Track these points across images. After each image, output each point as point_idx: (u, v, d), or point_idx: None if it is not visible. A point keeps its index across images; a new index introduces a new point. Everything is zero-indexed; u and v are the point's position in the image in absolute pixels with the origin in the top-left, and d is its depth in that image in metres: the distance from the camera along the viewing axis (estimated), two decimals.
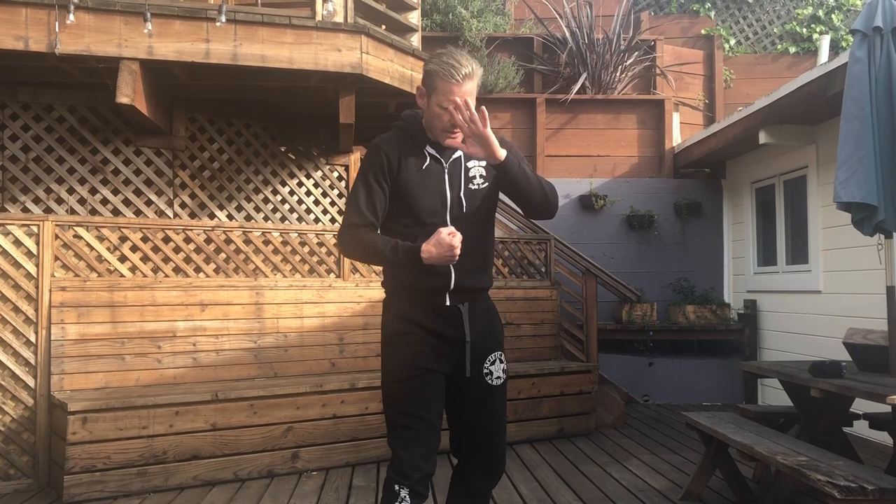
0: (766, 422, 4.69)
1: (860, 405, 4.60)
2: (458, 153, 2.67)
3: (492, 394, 2.68)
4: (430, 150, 2.65)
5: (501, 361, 2.71)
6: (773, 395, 7.29)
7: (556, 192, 2.72)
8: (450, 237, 2.46)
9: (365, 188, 2.60)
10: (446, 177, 2.63)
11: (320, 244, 5.96)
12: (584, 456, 5.67)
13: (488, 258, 2.75)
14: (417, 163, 2.62)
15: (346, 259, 5.99)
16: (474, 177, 2.66)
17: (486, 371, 2.67)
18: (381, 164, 2.60)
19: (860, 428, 5.07)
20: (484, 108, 2.55)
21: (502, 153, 2.54)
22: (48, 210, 5.62)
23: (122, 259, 5.18)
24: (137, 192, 5.90)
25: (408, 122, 2.70)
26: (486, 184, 2.67)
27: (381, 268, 2.83)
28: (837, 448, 4.17)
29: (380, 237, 2.60)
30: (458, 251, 2.47)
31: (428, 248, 2.47)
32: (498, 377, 2.69)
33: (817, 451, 3.73)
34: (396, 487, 2.52)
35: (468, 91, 2.56)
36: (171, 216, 5.98)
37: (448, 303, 2.62)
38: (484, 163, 2.66)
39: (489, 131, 2.51)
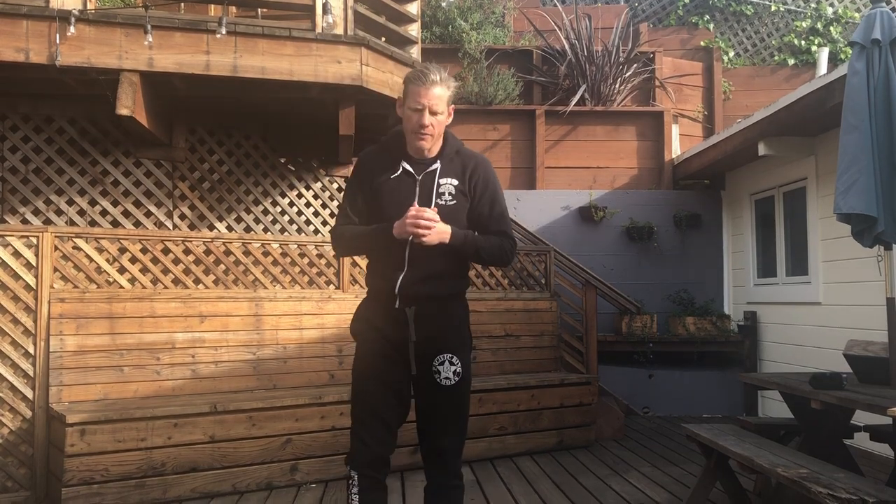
0: (767, 434, 4.67)
1: (861, 417, 4.58)
2: (434, 167, 2.88)
3: (441, 393, 2.87)
4: (405, 164, 2.89)
5: (453, 364, 2.86)
6: (773, 406, 7.27)
7: (513, 247, 2.97)
8: (414, 210, 2.71)
9: (348, 196, 2.97)
10: (417, 189, 2.86)
11: (320, 255, 5.95)
12: (585, 468, 5.65)
13: (450, 270, 2.90)
14: (390, 173, 2.88)
15: (345, 271, 5.99)
16: (444, 193, 2.87)
17: (434, 370, 2.85)
18: (360, 171, 2.96)
19: (861, 440, 5.05)
20: (426, 211, 2.74)
21: (447, 238, 2.76)
22: (47, 221, 5.62)
23: (122, 270, 5.18)
24: (137, 204, 5.90)
25: (390, 137, 2.98)
26: (455, 202, 2.87)
27: None
28: (838, 460, 4.15)
29: (363, 227, 2.91)
30: (422, 223, 2.68)
31: (398, 223, 2.74)
32: (447, 377, 2.85)
33: (818, 463, 3.72)
34: (348, 469, 2.83)
35: (435, 95, 2.77)
36: (171, 227, 5.98)
37: (397, 305, 2.83)
38: (456, 181, 2.88)
39: (434, 231, 2.72)
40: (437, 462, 2.94)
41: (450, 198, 2.86)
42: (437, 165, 2.88)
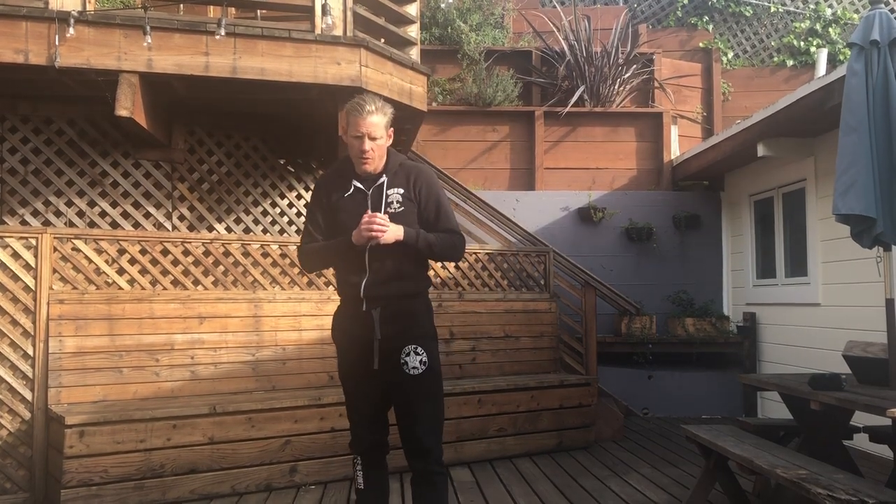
0: (766, 435, 4.67)
1: (860, 418, 4.57)
2: (381, 181, 3.21)
3: (411, 382, 3.13)
4: (355, 182, 3.22)
5: (418, 354, 3.14)
6: (772, 407, 7.27)
7: (462, 243, 3.29)
8: (367, 216, 3.02)
9: (309, 216, 3.32)
10: (368, 202, 3.18)
11: None
12: (584, 469, 5.65)
13: (407, 270, 3.19)
14: (344, 192, 3.22)
15: None
16: (392, 202, 3.19)
17: (402, 362, 3.12)
18: (318, 194, 3.31)
19: (860, 441, 5.05)
20: (377, 215, 3.06)
21: (400, 235, 3.09)
22: (47, 222, 5.62)
23: (121, 272, 5.17)
24: (136, 205, 5.90)
25: (341, 161, 3.33)
26: (403, 208, 3.18)
27: None
28: (837, 461, 4.15)
29: (325, 242, 3.24)
30: (375, 227, 3.00)
31: (355, 231, 3.06)
32: (414, 367, 3.13)
33: (817, 464, 3.72)
34: (352, 455, 3.30)
35: (373, 123, 3.09)
36: (170, 229, 5.98)
37: (364, 308, 3.14)
38: (402, 190, 3.20)
39: (389, 231, 3.04)
40: (417, 452, 3.17)
41: (398, 206, 3.17)
42: (384, 179, 3.20)
